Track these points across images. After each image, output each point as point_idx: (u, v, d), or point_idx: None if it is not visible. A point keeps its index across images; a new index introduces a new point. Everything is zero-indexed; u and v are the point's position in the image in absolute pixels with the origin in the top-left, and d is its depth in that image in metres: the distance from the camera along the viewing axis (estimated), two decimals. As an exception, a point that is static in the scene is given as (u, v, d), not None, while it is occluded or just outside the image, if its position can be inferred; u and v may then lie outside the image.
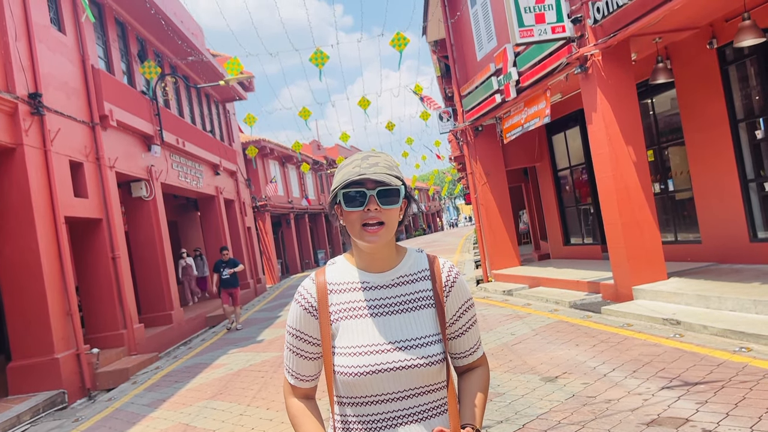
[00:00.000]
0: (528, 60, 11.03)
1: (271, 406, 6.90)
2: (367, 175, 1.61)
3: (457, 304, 1.75)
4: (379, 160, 1.67)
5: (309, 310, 1.71)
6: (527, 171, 18.96)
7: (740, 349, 6.06)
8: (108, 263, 11.77)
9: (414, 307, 1.69)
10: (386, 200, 1.62)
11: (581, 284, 10.76)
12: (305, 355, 1.74)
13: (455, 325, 1.75)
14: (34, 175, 9.52)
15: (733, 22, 8.62)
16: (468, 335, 1.78)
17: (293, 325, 1.74)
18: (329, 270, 1.77)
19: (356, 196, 1.62)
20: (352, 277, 1.73)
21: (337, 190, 1.65)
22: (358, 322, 1.67)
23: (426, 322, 1.68)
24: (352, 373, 1.61)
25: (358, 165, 1.65)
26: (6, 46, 9.39)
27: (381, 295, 1.70)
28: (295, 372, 1.77)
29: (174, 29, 16.34)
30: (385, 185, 1.62)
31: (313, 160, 40.28)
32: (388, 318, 1.67)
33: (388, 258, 1.72)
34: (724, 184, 9.63)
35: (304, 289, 1.74)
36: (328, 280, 1.74)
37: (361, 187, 1.62)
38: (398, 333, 1.65)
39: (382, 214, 1.62)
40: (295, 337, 1.73)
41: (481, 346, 1.83)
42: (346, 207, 1.64)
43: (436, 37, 19.60)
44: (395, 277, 1.72)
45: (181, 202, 21.44)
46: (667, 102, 11.05)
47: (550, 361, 6.74)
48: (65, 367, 9.42)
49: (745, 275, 8.55)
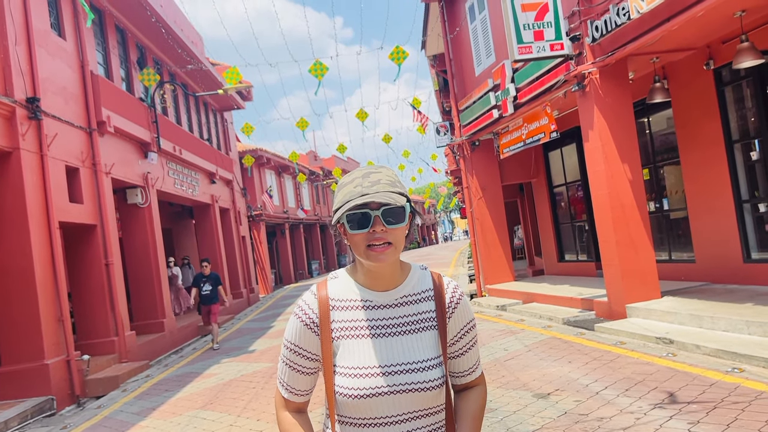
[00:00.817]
0: (526, 76, 11.09)
1: (261, 417, 6.86)
2: (371, 197, 1.57)
3: (459, 325, 1.73)
4: (381, 176, 1.63)
5: (309, 326, 1.67)
6: (522, 186, 19.01)
7: (733, 370, 6.06)
8: (101, 269, 11.72)
9: (416, 329, 1.66)
10: (392, 220, 1.58)
11: (575, 301, 10.76)
12: (301, 369, 1.71)
13: (456, 345, 1.73)
14: (29, 180, 9.50)
15: (730, 44, 8.70)
16: (468, 355, 1.76)
17: (291, 339, 1.70)
18: (331, 284, 1.73)
19: (360, 218, 1.58)
20: (355, 295, 1.69)
21: (339, 214, 1.61)
22: (360, 342, 1.64)
23: (427, 344, 1.66)
24: (351, 395, 1.59)
25: (359, 184, 1.61)
26: (5, 50, 9.39)
27: (384, 315, 1.67)
28: (289, 386, 1.74)
29: (174, 37, 16.38)
30: (390, 205, 1.58)
31: (309, 171, 40.30)
32: (390, 339, 1.64)
33: (392, 276, 1.69)
34: (718, 204, 9.67)
35: (305, 303, 1.70)
36: (330, 295, 1.70)
37: (364, 208, 1.58)
38: (399, 356, 1.62)
39: (388, 235, 1.58)
40: (292, 352, 1.70)
41: (480, 365, 1.82)
42: (351, 230, 1.59)
43: (435, 52, 19.72)
44: (399, 297, 1.69)
45: (176, 210, 21.39)
46: (664, 121, 11.11)
47: (542, 378, 6.72)
48: (55, 373, 9.35)
49: (739, 296, 8.57)
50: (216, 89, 20.12)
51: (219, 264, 20.81)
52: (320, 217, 43.93)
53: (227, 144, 25.07)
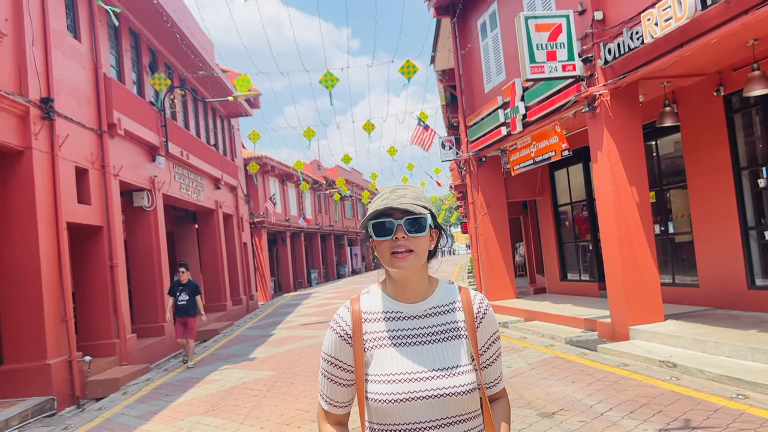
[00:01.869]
0: (536, 95, 11.17)
1: (265, 425, 6.86)
2: (394, 205, 1.68)
3: (486, 335, 1.79)
4: (407, 192, 1.74)
5: (344, 338, 1.75)
6: (526, 204, 19.06)
7: (737, 396, 6.07)
8: (105, 271, 11.74)
9: (446, 338, 1.73)
10: (413, 228, 1.68)
11: (578, 321, 10.78)
12: (339, 381, 1.77)
13: (483, 356, 1.79)
14: (40, 179, 9.54)
15: (741, 72, 8.77)
16: (493, 367, 1.83)
17: (328, 351, 1.78)
18: (363, 299, 1.81)
19: (385, 226, 1.69)
20: (386, 307, 1.77)
21: (365, 222, 1.72)
22: (392, 350, 1.71)
23: (458, 352, 1.72)
24: (384, 400, 1.65)
25: (386, 198, 1.73)
26: (22, 51, 9.47)
27: (414, 325, 1.74)
28: (328, 398, 1.80)
29: (187, 43, 16.49)
30: (411, 214, 1.68)
31: (312, 180, 40.39)
32: (422, 347, 1.71)
33: (421, 288, 1.77)
34: (724, 229, 9.72)
35: (339, 317, 1.79)
36: (363, 308, 1.78)
37: (389, 218, 1.69)
38: (431, 362, 1.69)
39: (410, 242, 1.68)
40: (330, 364, 1.77)
41: (502, 379, 1.88)
42: (376, 237, 1.70)
43: (444, 67, 19.83)
44: (428, 308, 1.76)
45: (180, 214, 21.42)
46: (672, 145, 11.18)
47: (546, 397, 6.73)
48: (56, 373, 9.35)
49: (743, 322, 8.59)
50: (225, 95, 20.21)
51: (220, 270, 20.84)
52: (321, 227, 43.95)
53: (233, 150, 25.15)
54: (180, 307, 12.03)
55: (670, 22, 7.30)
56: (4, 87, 8.89)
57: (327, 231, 46.03)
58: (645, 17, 7.73)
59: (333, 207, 48.41)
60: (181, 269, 12.27)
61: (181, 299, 11.99)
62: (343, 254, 51.94)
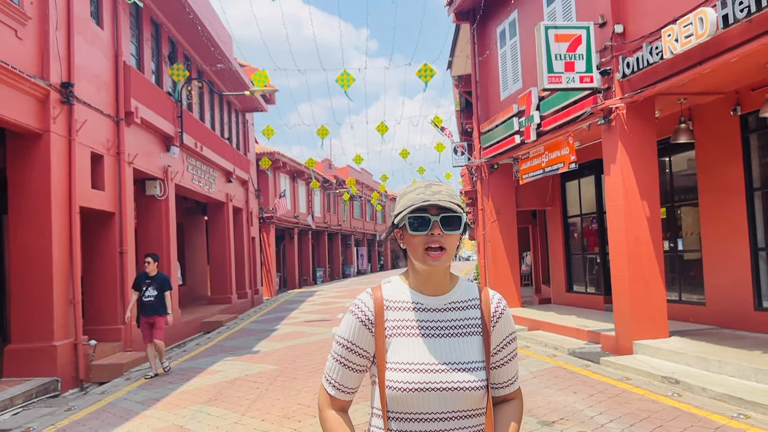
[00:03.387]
0: (552, 105, 11.18)
1: (266, 417, 6.91)
2: (433, 202, 1.69)
3: (502, 335, 1.82)
4: (442, 188, 1.76)
5: (365, 323, 1.77)
6: (536, 214, 19.05)
7: (738, 416, 6.07)
8: (115, 257, 11.85)
9: (463, 333, 1.76)
10: (449, 226, 1.71)
11: (581, 332, 10.78)
12: (352, 366, 1.80)
13: (498, 355, 1.81)
14: (56, 163, 9.65)
15: (759, 92, 8.77)
16: (508, 367, 1.84)
17: (346, 336, 1.79)
18: (385, 287, 1.84)
19: (421, 221, 1.70)
20: (407, 297, 1.80)
21: (403, 215, 1.72)
22: (411, 340, 1.74)
23: (473, 348, 1.75)
24: (401, 389, 1.68)
25: (422, 192, 1.73)
26: (46, 35, 9.58)
27: (433, 318, 1.77)
28: (338, 383, 1.81)
29: (207, 35, 16.60)
30: (448, 212, 1.71)
31: (323, 178, 40.48)
32: (439, 340, 1.74)
33: (443, 282, 1.80)
34: (733, 249, 9.70)
35: (361, 302, 1.81)
36: (385, 296, 1.81)
37: (425, 213, 1.70)
38: (448, 355, 1.72)
39: (444, 239, 1.70)
40: (346, 348, 1.79)
41: (518, 379, 1.89)
42: (411, 231, 1.72)
43: (461, 72, 19.87)
44: (447, 302, 1.80)
45: (190, 205, 21.55)
46: (685, 162, 11.17)
47: (547, 406, 6.75)
48: (62, 355, 9.45)
49: (747, 342, 8.57)
50: (241, 90, 20.34)
51: (227, 263, 20.94)
52: (329, 226, 44.04)
53: (246, 144, 25.27)
54: (146, 304, 10.11)
55: (690, 39, 7.32)
56: (26, 69, 9.00)
57: (335, 230, 46.12)
58: (665, 33, 7.75)
59: (342, 207, 48.50)
60: (148, 259, 10.34)
61: (147, 295, 10.10)
62: (349, 254, 52.02)
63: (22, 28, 9.03)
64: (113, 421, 7.22)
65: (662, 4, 8.30)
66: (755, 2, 6.45)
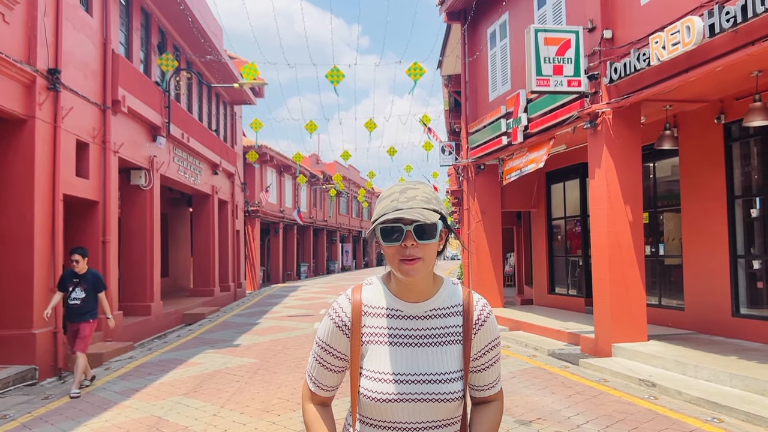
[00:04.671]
0: (539, 108, 11.26)
1: (245, 410, 6.92)
2: (404, 211, 1.62)
3: (484, 342, 1.78)
4: (418, 192, 1.68)
5: (341, 328, 1.75)
6: (520, 215, 19.16)
7: (712, 419, 6.17)
8: (98, 246, 11.76)
9: (442, 342, 1.73)
10: (423, 235, 1.63)
11: (561, 334, 10.87)
12: (329, 367, 1.80)
13: (479, 360, 1.79)
14: (40, 149, 9.56)
15: (743, 101, 8.88)
16: (490, 371, 1.82)
17: (323, 338, 1.79)
18: (365, 290, 1.80)
19: (393, 232, 1.64)
20: (387, 303, 1.76)
21: (373, 226, 1.68)
22: (387, 348, 1.71)
23: (451, 358, 1.72)
24: (374, 398, 1.67)
25: (396, 199, 1.66)
26: (34, 20, 9.49)
27: (412, 326, 1.74)
28: (317, 380, 1.83)
29: (197, 26, 16.52)
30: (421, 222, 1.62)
31: (310, 174, 40.41)
32: (416, 349, 1.71)
33: (424, 289, 1.75)
34: (714, 256, 9.82)
35: (339, 306, 1.78)
36: (364, 301, 1.77)
37: (398, 223, 1.63)
38: (424, 366, 1.70)
39: (419, 250, 1.63)
40: (323, 350, 1.79)
41: (499, 381, 1.88)
42: (384, 242, 1.65)
43: (451, 72, 19.93)
44: (428, 309, 1.75)
45: (175, 197, 21.44)
46: (668, 168, 11.28)
47: (525, 405, 6.82)
48: (41, 343, 9.37)
49: (724, 348, 8.69)
50: (230, 82, 20.25)
51: (211, 255, 20.86)
52: (315, 221, 43.98)
53: (233, 137, 25.18)
54: (71, 308, 8.55)
55: (677, 47, 7.40)
56: (12, 54, 8.92)
57: (320, 226, 46.07)
58: (653, 39, 7.83)
59: (328, 202, 48.44)
60: (75, 256, 8.64)
61: (73, 297, 8.53)
62: (334, 250, 52.00)
63: (10, 12, 8.94)
64: (91, 411, 7.19)
65: (651, 11, 8.39)
66: (741, 13, 6.54)
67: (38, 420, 6.87)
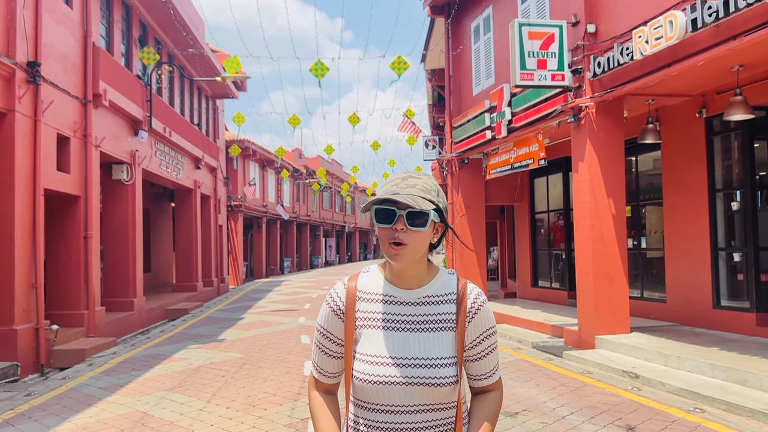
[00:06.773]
0: (523, 102, 11.30)
1: (231, 405, 6.89)
2: (400, 195, 1.66)
3: (478, 330, 1.79)
4: (419, 182, 1.71)
5: (336, 313, 1.80)
6: (504, 209, 19.25)
7: (694, 409, 6.25)
8: (79, 241, 11.64)
9: (435, 328, 1.75)
10: (414, 222, 1.66)
11: (545, 327, 10.95)
12: (329, 353, 1.83)
13: (474, 349, 1.80)
14: (20, 143, 9.44)
15: (724, 96, 8.98)
16: (486, 360, 1.83)
17: (321, 323, 1.84)
18: (361, 277, 1.84)
19: (387, 214, 1.68)
20: (381, 289, 1.80)
21: (367, 204, 1.71)
22: (379, 332, 1.74)
23: (443, 344, 1.74)
24: (366, 380, 1.70)
25: (396, 185, 1.71)
26: (12, 12, 9.35)
27: (405, 311, 1.76)
28: (319, 367, 1.87)
29: (179, 19, 16.37)
30: (413, 208, 1.65)
31: (293, 168, 40.27)
32: (409, 334, 1.74)
33: (418, 276, 1.78)
34: (695, 248, 9.94)
35: (335, 292, 1.83)
36: (359, 287, 1.81)
37: (393, 206, 1.67)
38: (415, 350, 1.72)
39: (407, 235, 1.66)
40: (322, 335, 1.83)
41: (497, 371, 1.89)
42: (377, 222, 1.69)
43: (435, 66, 19.92)
44: (422, 296, 1.78)
45: (157, 191, 21.27)
46: (651, 162, 11.39)
47: (510, 397, 6.86)
48: (22, 339, 9.28)
49: (705, 339, 8.81)
50: (213, 75, 20.11)
51: (194, 250, 20.74)
52: (298, 216, 43.85)
53: (216, 131, 25.02)
54: None
55: (660, 41, 7.46)
56: (-9, 47, 8.78)
57: (303, 220, 45.94)
58: (636, 34, 7.89)
59: (311, 197, 48.32)
60: None
61: None
62: (317, 245, 51.89)
63: (-12, 4, 8.81)
64: (75, 407, 7.13)
65: (634, 5, 8.45)
66: (723, 8, 6.61)
67: (21, 416, 6.80)
